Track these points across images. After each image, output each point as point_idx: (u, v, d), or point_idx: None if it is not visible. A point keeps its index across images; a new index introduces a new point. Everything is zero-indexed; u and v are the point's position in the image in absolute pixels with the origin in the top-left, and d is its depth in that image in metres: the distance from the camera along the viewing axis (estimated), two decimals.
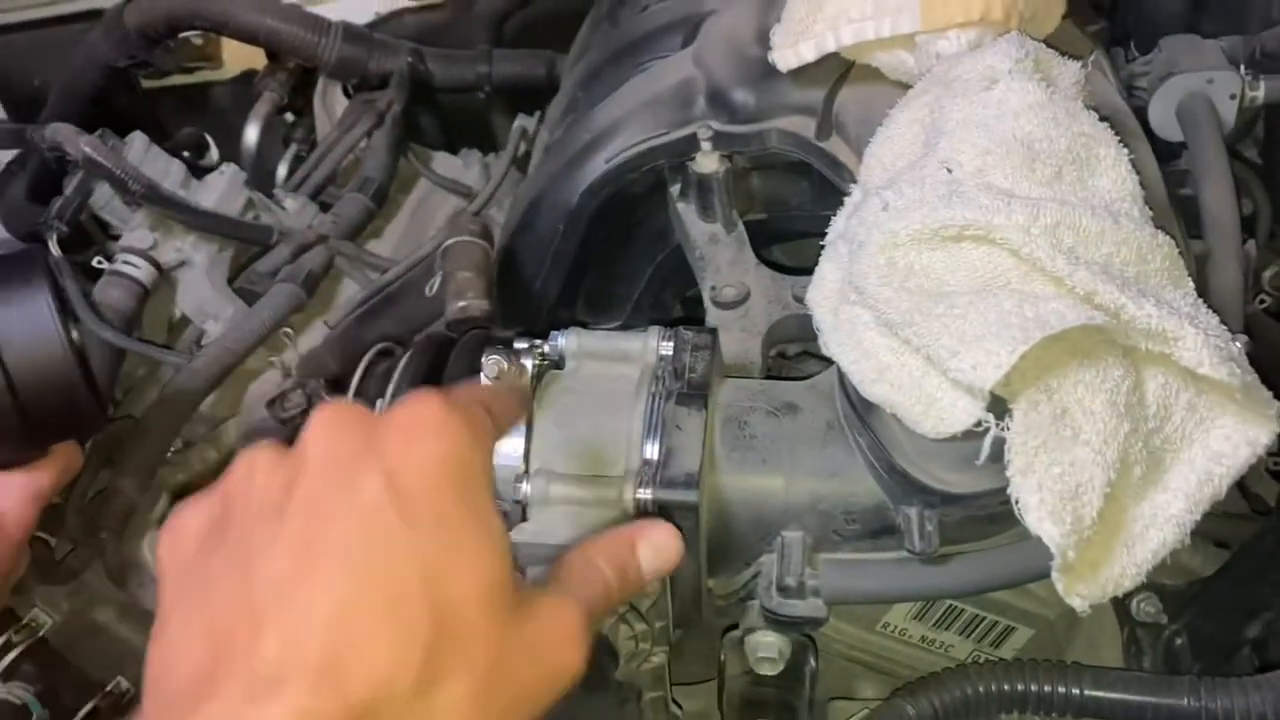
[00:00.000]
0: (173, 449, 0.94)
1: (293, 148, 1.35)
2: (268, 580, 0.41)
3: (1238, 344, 0.60)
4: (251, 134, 1.29)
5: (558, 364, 0.71)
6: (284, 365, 0.99)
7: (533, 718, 0.45)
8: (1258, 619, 0.82)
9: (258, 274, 1.08)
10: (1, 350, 0.68)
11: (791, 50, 0.79)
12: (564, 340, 0.72)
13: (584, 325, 0.74)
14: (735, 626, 0.70)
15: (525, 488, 0.65)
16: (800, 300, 0.78)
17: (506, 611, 0.43)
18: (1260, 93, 0.84)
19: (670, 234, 0.92)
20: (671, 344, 0.70)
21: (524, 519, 0.66)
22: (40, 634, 0.89)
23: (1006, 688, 0.72)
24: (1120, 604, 0.78)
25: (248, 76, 1.39)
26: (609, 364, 0.71)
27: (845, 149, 0.81)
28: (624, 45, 0.97)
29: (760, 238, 0.87)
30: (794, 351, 0.84)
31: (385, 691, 0.39)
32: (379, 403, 0.67)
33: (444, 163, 1.30)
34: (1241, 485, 0.87)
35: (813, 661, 0.68)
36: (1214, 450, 0.61)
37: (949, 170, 0.65)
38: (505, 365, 0.66)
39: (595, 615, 0.49)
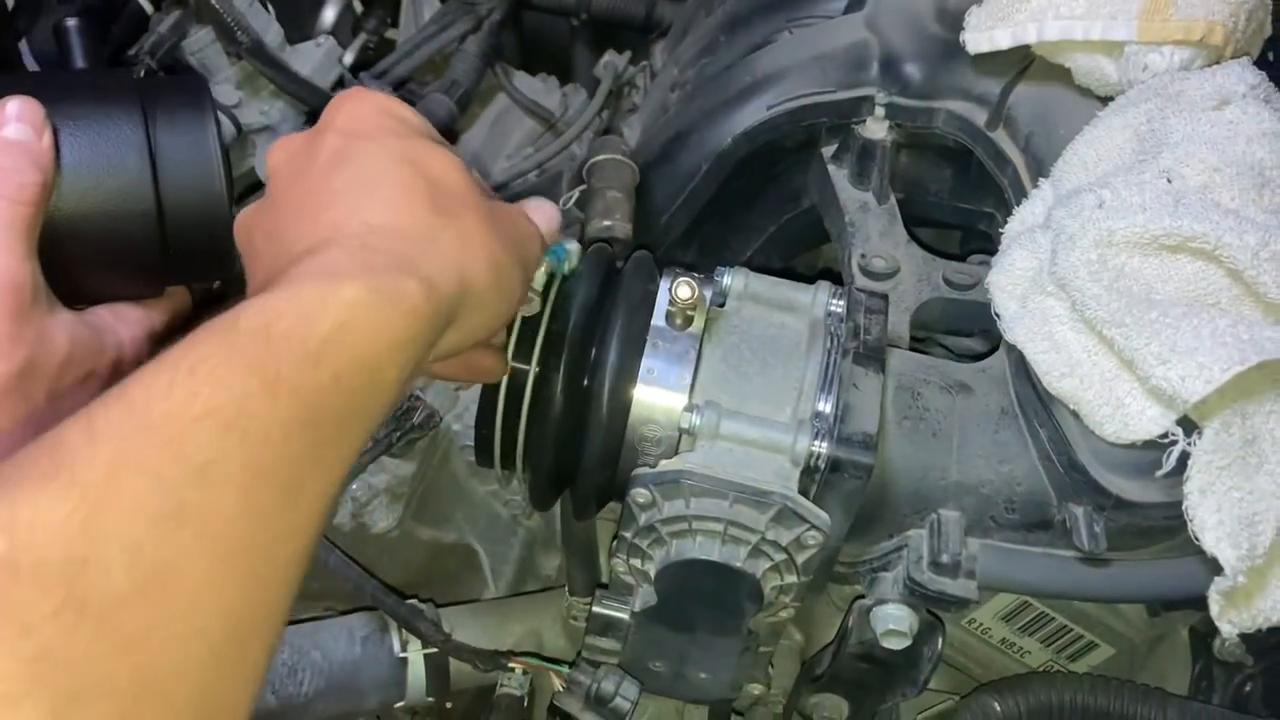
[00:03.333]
0: None
1: (361, 36, 1.30)
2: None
3: None
4: (329, 15, 1.24)
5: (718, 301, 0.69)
6: None
7: (523, 265, 0.59)
8: None
9: None
10: (159, 174, 0.64)
11: (986, 35, 0.77)
12: (729, 279, 0.70)
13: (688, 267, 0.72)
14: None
15: (695, 419, 0.62)
16: (951, 284, 0.77)
17: (479, 190, 0.58)
18: None
19: (801, 197, 0.90)
20: (843, 302, 0.69)
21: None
22: None
23: (1091, 701, 0.73)
24: (1201, 639, 0.79)
25: None
26: (773, 310, 0.69)
27: (1010, 143, 0.80)
28: None
29: None
30: (920, 336, 0.83)
31: (410, 232, 0.53)
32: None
33: (523, 82, 1.25)
34: None
35: (939, 643, 0.67)
36: None
37: (1168, 180, 0.65)
38: (695, 288, 0.64)
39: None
